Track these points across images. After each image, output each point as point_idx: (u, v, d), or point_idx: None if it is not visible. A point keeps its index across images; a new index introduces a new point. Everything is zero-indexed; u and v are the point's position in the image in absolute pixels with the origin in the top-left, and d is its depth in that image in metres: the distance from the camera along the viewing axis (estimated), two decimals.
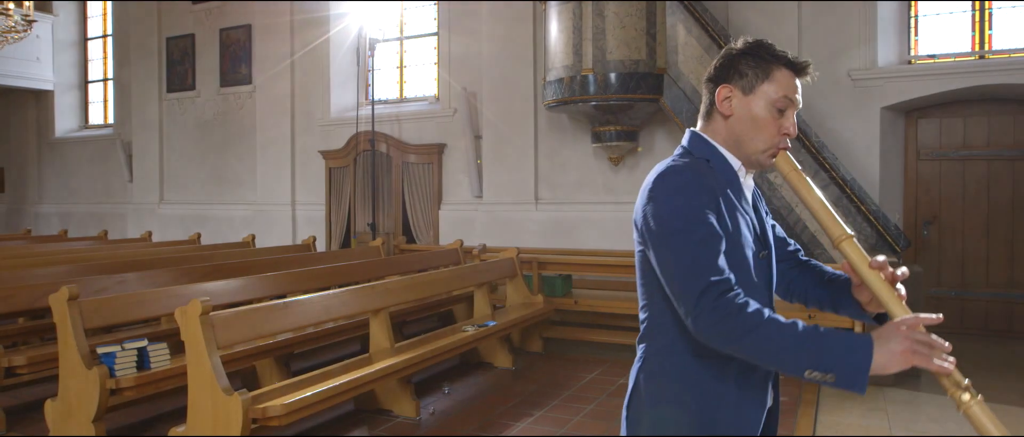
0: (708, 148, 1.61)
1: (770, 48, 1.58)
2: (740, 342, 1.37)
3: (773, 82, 1.55)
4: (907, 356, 1.31)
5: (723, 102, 1.59)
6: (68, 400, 3.90)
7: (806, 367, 1.33)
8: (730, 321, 1.37)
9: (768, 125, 1.56)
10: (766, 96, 1.55)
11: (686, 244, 1.44)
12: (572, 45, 7.00)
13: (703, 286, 1.40)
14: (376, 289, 4.72)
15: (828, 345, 1.32)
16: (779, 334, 1.35)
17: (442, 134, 9.00)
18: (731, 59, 1.60)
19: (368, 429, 4.40)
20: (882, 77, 6.88)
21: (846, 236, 1.49)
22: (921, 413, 4.71)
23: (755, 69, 1.56)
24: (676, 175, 1.53)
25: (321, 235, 9.64)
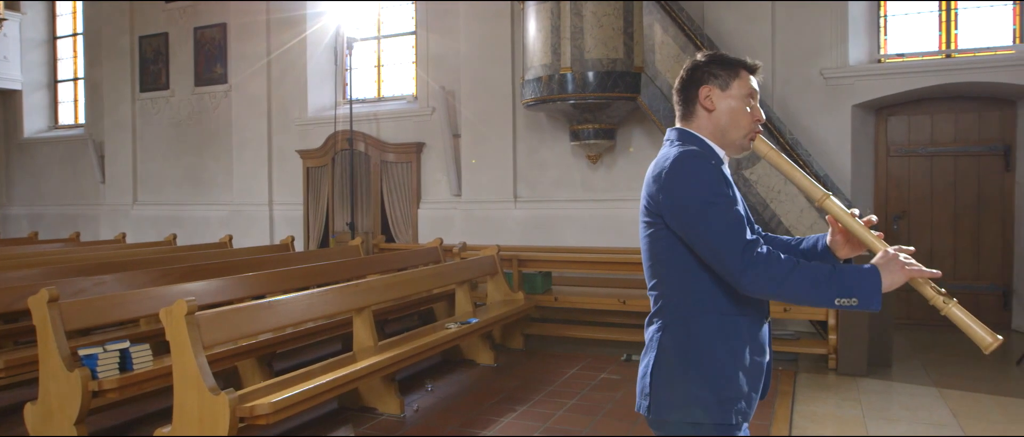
0: (696, 140, 1.87)
1: (729, 56, 1.91)
2: (784, 283, 1.64)
3: (740, 79, 1.87)
4: (905, 272, 1.65)
5: (706, 99, 1.87)
6: (49, 403, 3.86)
7: (835, 296, 1.64)
8: (775, 267, 1.65)
9: (744, 114, 1.86)
10: (739, 91, 1.86)
11: (720, 214, 1.69)
12: (550, 44, 7.06)
13: (743, 245, 1.66)
14: (360, 287, 4.73)
15: (848, 276, 1.64)
16: (812, 272, 1.65)
17: (420, 133, 9.01)
18: (702, 66, 1.90)
19: (353, 427, 4.42)
20: (853, 75, 7.04)
21: (825, 195, 1.84)
22: (893, 401, 4.84)
23: (725, 71, 1.87)
24: (693, 158, 1.77)
25: (299, 235, 9.60)
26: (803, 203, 6.32)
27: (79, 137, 12.20)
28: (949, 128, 7.24)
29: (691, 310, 1.80)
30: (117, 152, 11.41)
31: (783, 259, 1.67)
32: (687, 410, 1.79)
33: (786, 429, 4.28)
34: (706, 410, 1.77)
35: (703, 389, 1.77)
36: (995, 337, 1.62)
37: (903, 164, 7.41)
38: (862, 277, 1.64)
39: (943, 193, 7.27)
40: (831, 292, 1.64)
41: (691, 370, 1.79)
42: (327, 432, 4.34)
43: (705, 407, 1.77)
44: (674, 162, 1.76)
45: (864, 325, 5.51)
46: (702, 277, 1.78)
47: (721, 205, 1.71)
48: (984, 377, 5.40)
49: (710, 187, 1.72)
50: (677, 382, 1.80)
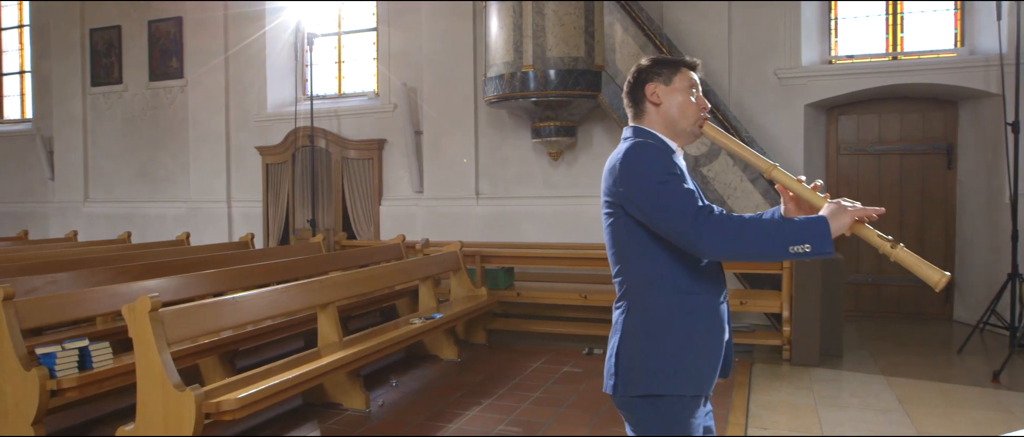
0: (648, 134, 2.03)
1: (669, 57, 2.11)
2: (739, 238, 1.76)
3: (681, 75, 2.05)
4: (850, 214, 1.76)
5: (652, 95, 2.04)
6: (4, 403, 3.77)
7: (788, 244, 1.74)
8: (727, 225, 1.77)
9: (689, 104, 2.02)
10: (681, 84, 2.03)
11: (672, 191, 1.84)
12: (512, 42, 7.12)
13: (695, 211, 1.79)
14: (324, 283, 4.73)
15: (798, 226, 1.75)
16: (764, 225, 1.77)
17: (382, 129, 8.99)
18: (646, 68, 2.07)
19: (319, 423, 4.42)
20: (805, 76, 7.27)
21: (772, 166, 1.96)
22: (843, 389, 5.04)
23: (667, 68, 2.05)
24: (644, 147, 1.94)
25: (259, 232, 9.49)
26: (759, 199, 6.51)
27: (26, 132, 11.81)
28: (895, 127, 7.53)
29: (650, 291, 1.94)
30: (67, 148, 11.10)
31: (734, 217, 1.79)
32: (647, 384, 1.91)
33: (743, 416, 4.43)
34: (664, 383, 1.89)
35: (661, 363, 1.90)
36: (943, 274, 1.70)
37: (852, 162, 7.68)
38: (811, 224, 1.74)
39: (890, 189, 7.56)
40: (785, 241, 1.74)
41: (650, 347, 1.92)
42: (292, 429, 4.34)
43: (663, 380, 1.89)
44: (626, 153, 1.93)
45: (816, 317, 5.71)
46: (659, 260, 1.92)
47: (671, 183, 1.84)
48: (928, 365, 5.65)
49: (660, 169, 1.87)
50: (638, 359, 1.93)
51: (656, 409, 1.92)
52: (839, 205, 1.79)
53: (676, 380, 1.90)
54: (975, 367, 5.58)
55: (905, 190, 7.51)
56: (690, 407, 1.92)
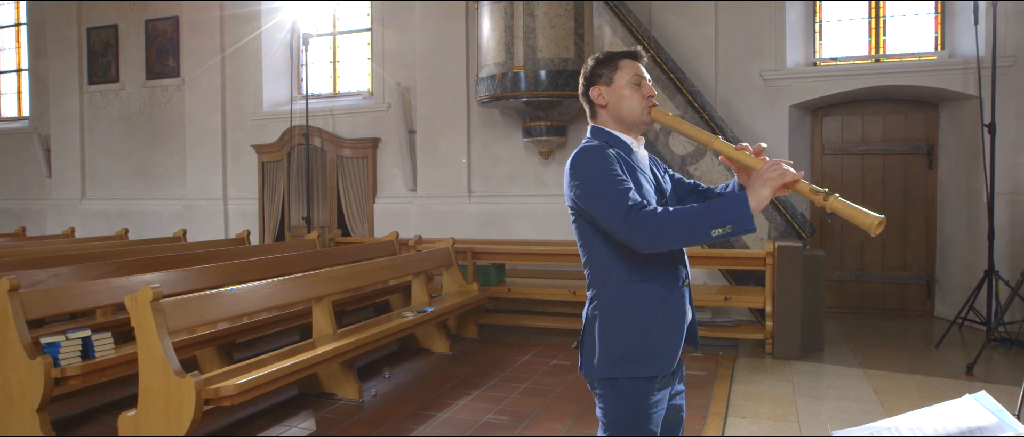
0: (605, 134, 2.16)
1: (611, 54, 2.18)
2: (664, 231, 1.86)
3: (621, 70, 2.13)
4: (769, 185, 1.84)
5: (598, 97, 2.16)
6: (9, 391, 3.91)
7: (710, 228, 1.83)
8: (652, 221, 1.87)
9: (633, 96, 2.11)
10: (622, 80, 2.13)
11: (609, 190, 1.95)
12: (504, 43, 7.27)
13: (626, 209, 1.90)
14: (320, 277, 4.87)
15: (718, 208, 1.84)
16: (686, 213, 1.87)
17: (376, 128, 9.13)
18: (589, 72, 2.18)
19: (313, 412, 4.57)
20: (790, 77, 7.44)
21: (714, 138, 2.03)
22: (823, 381, 5.21)
23: (606, 69, 2.15)
24: (588, 150, 2.06)
25: (254, 230, 9.62)
26: None
27: (23, 130, 11.91)
28: (878, 128, 7.71)
29: (610, 280, 2.06)
30: (64, 146, 11.21)
31: (660, 211, 1.88)
32: (607, 368, 2.04)
33: (723, 406, 4.59)
34: (622, 367, 2.02)
35: (620, 348, 2.03)
36: (877, 217, 1.75)
37: (836, 161, 7.86)
38: (731, 205, 1.83)
39: (873, 189, 7.74)
40: (706, 225, 1.83)
41: (609, 333, 2.04)
42: (287, 418, 4.48)
43: (621, 364, 2.02)
44: (573, 158, 2.06)
45: (798, 312, 5.88)
46: (616, 251, 2.03)
47: (606, 186, 1.95)
48: (906, 359, 5.82)
49: (597, 173, 1.97)
50: (600, 345, 2.06)
51: (616, 390, 2.03)
52: (762, 175, 1.84)
53: (633, 363, 2.01)
54: (951, 361, 5.76)
55: (888, 189, 7.69)
56: (648, 387, 2.03)
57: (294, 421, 4.42)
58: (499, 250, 7.24)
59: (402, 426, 4.29)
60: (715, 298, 6.29)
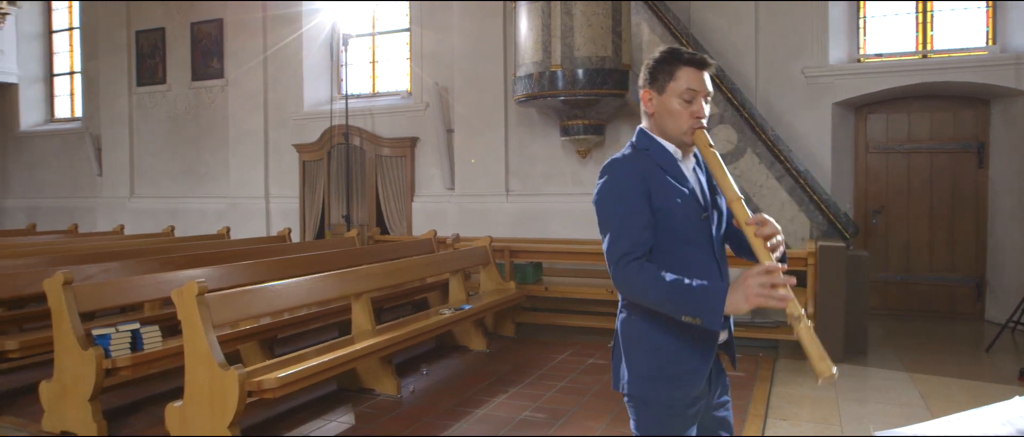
0: (648, 140, 2.02)
1: (676, 52, 1.97)
2: (643, 296, 1.86)
3: (678, 80, 1.94)
4: (749, 299, 1.71)
5: (647, 103, 2.02)
6: (63, 381, 4.06)
7: (682, 313, 1.79)
8: (635, 281, 1.85)
9: (681, 113, 1.95)
10: (674, 92, 1.95)
11: (614, 223, 1.91)
12: (541, 42, 7.28)
13: (619, 255, 1.87)
14: (359, 273, 4.94)
15: (694, 297, 1.77)
16: (668, 289, 1.80)
17: (414, 128, 9.22)
18: (647, 69, 2.00)
19: (352, 407, 4.63)
20: (833, 75, 7.30)
21: (736, 198, 1.88)
22: (866, 384, 5.10)
23: (663, 73, 1.96)
24: (611, 167, 1.98)
25: (295, 227, 9.79)
26: (784, 197, 6.58)
27: (76, 130, 12.33)
28: (925, 126, 7.51)
29: None
30: (114, 145, 11.56)
31: (646, 274, 1.82)
32: (635, 385, 1.99)
33: (763, 408, 4.53)
34: (649, 386, 1.97)
35: (644, 367, 1.98)
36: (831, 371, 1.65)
37: (881, 160, 7.68)
38: (708, 299, 1.76)
39: (920, 189, 7.55)
40: (679, 309, 1.79)
41: (638, 351, 2.00)
42: (327, 412, 4.55)
43: (648, 384, 1.97)
44: (603, 169, 2.00)
45: (841, 314, 5.76)
46: None
47: (614, 218, 1.91)
48: (954, 363, 5.67)
49: (614, 200, 1.93)
50: (626, 361, 2.02)
51: (647, 407, 1.99)
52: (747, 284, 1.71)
53: (659, 384, 1.96)
54: (1002, 365, 5.58)
55: (935, 189, 7.49)
56: (678, 406, 1.97)
57: (333, 415, 4.49)
58: (536, 248, 7.24)
59: (439, 423, 4.32)
60: None
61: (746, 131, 6.68)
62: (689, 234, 1.97)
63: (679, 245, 1.96)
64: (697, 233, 1.98)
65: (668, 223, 1.94)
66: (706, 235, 2.00)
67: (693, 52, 1.98)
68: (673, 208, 1.94)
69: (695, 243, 1.98)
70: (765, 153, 6.62)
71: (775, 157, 6.60)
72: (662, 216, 1.93)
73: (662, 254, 1.94)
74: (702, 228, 1.99)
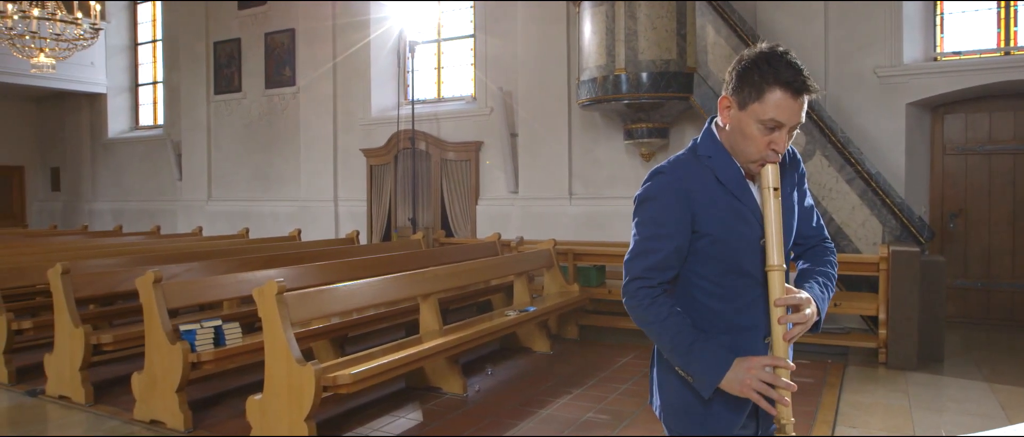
0: (714, 147, 1.76)
1: (773, 64, 1.61)
2: (640, 325, 1.76)
3: (764, 103, 1.61)
4: (745, 389, 1.63)
5: (723, 112, 1.74)
6: (153, 373, 4.32)
7: (679, 365, 1.72)
8: (638, 311, 1.74)
9: (756, 140, 1.66)
10: (756, 115, 1.63)
11: (639, 238, 1.76)
12: (605, 46, 7.30)
13: (634, 275, 1.74)
14: (426, 275, 5.08)
15: (694, 357, 1.68)
16: (661, 336, 1.72)
17: (479, 132, 9.36)
18: (739, 69, 1.67)
19: (420, 404, 4.77)
20: (908, 74, 7.07)
21: (778, 268, 1.66)
22: (941, 394, 4.94)
23: (752, 87, 1.63)
24: (655, 177, 1.76)
25: (363, 230, 10.07)
26: (855, 200, 6.42)
27: (158, 137, 13.00)
28: (1008, 126, 7.20)
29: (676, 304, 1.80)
30: (193, 151, 12.13)
31: (655, 310, 1.70)
32: (664, 413, 1.86)
33: (832, 415, 4.44)
34: (677, 419, 1.83)
35: (673, 396, 1.83)
36: None
37: (960, 162, 7.40)
38: (709, 366, 1.66)
39: (1001, 191, 7.24)
40: (677, 360, 1.71)
41: (670, 377, 1.83)
42: (396, 408, 4.70)
43: (676, 417, 1.83)
44: (649, 174, 1.79)
45: (914, 321, 5.59)
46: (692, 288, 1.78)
47: (644, 232, 1.74)
48: None
49: (650, 213, 1.74)
50: (661, 388, 1.87)
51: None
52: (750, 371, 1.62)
53: (689, 419, 1.80)
54: None
55: (1019, 192, 7.16)
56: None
57: (402, 412, 4.63)
58: (600, 251, 7.26)
59: (504, 421, 4.41)
60: None
61: (815, 133, 6.55)
62: (744, 264, 1.74)
63: (731, 277, 1.74)
64: (753, 263, 1.73)
65: (721, 251, 1.72)
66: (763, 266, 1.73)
67: (794, 71, 1.59)
68: (728, 233, 1.72)
69: (750, 275, 1.74)
70: (835, 155, 6.47)
71: (845, 159, 6.44)
72: (715, 240, 1.72)
73: (711, 286, 1.75)
74: (760, 257, 1.73)
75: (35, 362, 5.37)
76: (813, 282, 1.80)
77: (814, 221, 1.92)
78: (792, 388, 1.62)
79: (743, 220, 1.73)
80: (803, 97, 1.62)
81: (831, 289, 1.84)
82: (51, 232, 10.76)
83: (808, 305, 1.67)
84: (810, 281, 1.81)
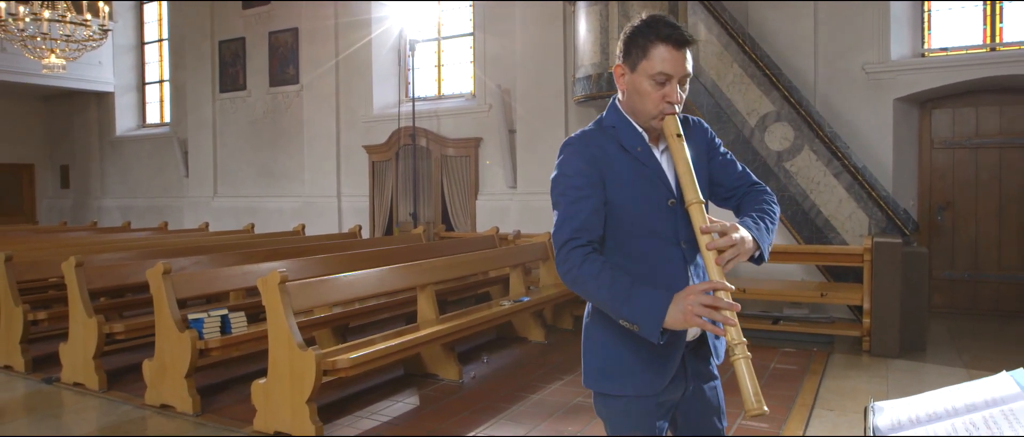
0: (617, 117, 1.86)
1: (653, 25, 1.75)
2: (583, 288, 1.74)
3: (651, 59, 1.75)
4: (689, 318, 1.60)
5: (619, 80, 1.84)
6: (163, 360, 4.54)
7: (621, 316, 1.69)
8: (572, 272, 1.74)
9: (650, 95, 1.77)
10: (645, 72, 1.76)
11: (561, 206, 1.81)
12: (599, 44, 7.48)
13: (562, 240, 1.77)
14: (424, 266, 5.28)
15: (634, 304, 1.65)
16: (598, 290, 1.70)
17: (478, 129, 9.56)
18: (625, 38, 1.81)
19: (417, 390, 4.98)
20: (895, 70, 7.23)
21: (696, 201, 1.71)
22: (920, 379, 5.12)
23: (638, 48, 1.77)
24: (566, 147, 1.85)
25: (365, 224, 10.29)
26: (842, 194, 6.59)
27: (165, 135, 13.24)
28: (994, 120, 7.36)
29: None
30: (199, 148, 12.37)
31: (589, 266, 1.71)
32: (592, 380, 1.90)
33: (811, 399, 4.64)
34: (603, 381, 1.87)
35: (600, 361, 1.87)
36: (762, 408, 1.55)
37: (947, 156, 7.57)
38: (650, 307, 1.64)
39: (988, 185, 7.40)
40: (619, 311, 1.68)
41: (592, 343, 1.90)
42: (394, 393, 4.91)
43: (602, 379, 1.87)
44: (561, 147, 1.86)
45: (897, 310, 5.77)
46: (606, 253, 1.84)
47: (564, 200, 1.79)
48: (1018, 361, 5.58)
49: (563, 180, 1.81)
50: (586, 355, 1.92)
51: (607, 405, 1.90)
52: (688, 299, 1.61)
53: (613, 380, 1.84)
54: None
55: (1004, 185, 7.33)
56: (637, 407, 1.84)
57: (400, 397, 4.84)
58: None
59: (497, 406, 4.61)
60: (811, 294, 6.26)
61: (803, 128, 6.73)
62: (652, 224, 1.81)
63: (639, 238, 1.81)
64: (662, 223, 1.81)
65: (627, 213, 1.80)
66: (673, 225, 1.81)
67: (673, 27, 1.75)
68: (632, 196, 1.80)
69: (660, 235, 1.81)
70: (822, 150, 6.65)
71: (832, 154, 6.62)
72: (619, 206, 1.80)
73: (619, 246, 1.82)
74: (668, 217, 1.81)
75: (51, 351, 5.61)
76: (745, 218, 1.83)
77: (738, 169, 1.98)
78: (735, 307, 1.60)
79: (648, 181, 1.81)
80: (685, 50, 1.75)
81: (769, 221, 1.85)
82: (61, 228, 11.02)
83: (734, 230, 1.69)
84: (742, 217, 1.85)
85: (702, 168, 1.89)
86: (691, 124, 1.93)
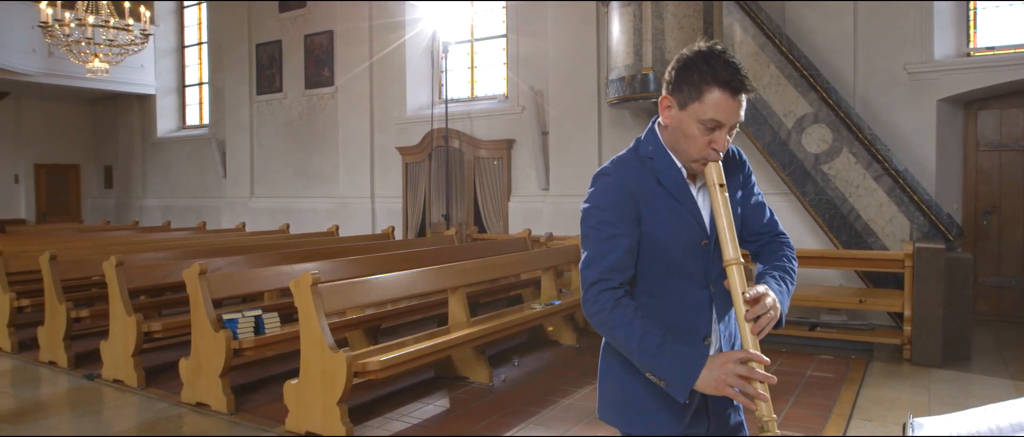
0: (657, 148, 1.75)
1: (712, 64, 1.61)
2: (603, 331, 1.69)
3: (704, 103, 1.61)
4: (721, 386, 1.55)
5: (664, 111, 1.71)
6: (198, 359, 4.62)
7: (648, 370, 1.62)
8: (601, 315, 1.66)
9: (696, 140, 1.65)
10: (696, 115, 1.63)
11: (590, 243, 1.71)
12: (633, 45, 7.42)
13: (592, 279, 1.67)
14: (455, 268, 5.29)
15: (665, 360, 1.59)
16: (628, 341, 1.62)
17: (511, 130, 9.55)
18: (678, 69, 1.67)
19: (448, 392, 4.98)
20: (938, 70, 7.03)
21: (735, 261, 1.62)
22: (965, 390, 4.96)
23: (691, 87, 1.63)
24: (600, 179, 1.75)
25: (398, 225, 10.35)
26: (882, 197, 6.43)
27: (204, 136, 13.50)
28: None
29: None
30: (237, 150, 12.58)
31: (622, 313, 1.64)
32: (606, 413, 1.83)
33: (849, 408, 4.52)
34: (617, 417, 1.81)
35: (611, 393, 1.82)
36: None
37: (993, 158, 7.33)
38: (683, 366, 1.58)
39: None
40: (646, 365, 1.62)
41: (610, 376, 1.82)
42: (425, 395, 4.92)
43: (615, 414, 1.81)
44: (593, 179, 1.77)
45: (938, 319, 5.61)
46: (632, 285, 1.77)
47: (595, 236, 1.70)
48: None
49: (596, 215, 1.71)
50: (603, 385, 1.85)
51: None
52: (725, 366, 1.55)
53: (628, 418, 1.78)
54: None
55: None
56: None
57: (431, 399, 4.85)
58: None
59: (527, 409, 4.59)
60: (850, 300, 6.11)
61: (842, 130, 6.58)
62: (684, 265, 1.72)
63: (670, 278, 1.73)
64: (694, 264, 1.72)
65: (661, 252, 1.71)
66: (704, 266, 1.73)
67: (733, 70, 1.60)
68: (667, 235, 1.71)
69: (690, 276, 1.73)
70: (862, 152, 6.50)
71: (872, 156, 6.46)
72: (653, 244, 1.71)
73: (649, 286, 1.74)
74: (701, 258, 1.73)
75: (92, 348, 5.75)
76: (768, 278, 1.78)
77: (766, 216, 1.90)
78: (770, 380, 1.54)
79: (683, 221, 1.72)
80: (741, 96, 1.62)
81: (789, 282, 1.80)
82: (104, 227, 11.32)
83: (767, 295, 1.63)
84: (765, 278, 1.78)
85: (733, 206, 1.79)
86: (730, 155, 1.83)
